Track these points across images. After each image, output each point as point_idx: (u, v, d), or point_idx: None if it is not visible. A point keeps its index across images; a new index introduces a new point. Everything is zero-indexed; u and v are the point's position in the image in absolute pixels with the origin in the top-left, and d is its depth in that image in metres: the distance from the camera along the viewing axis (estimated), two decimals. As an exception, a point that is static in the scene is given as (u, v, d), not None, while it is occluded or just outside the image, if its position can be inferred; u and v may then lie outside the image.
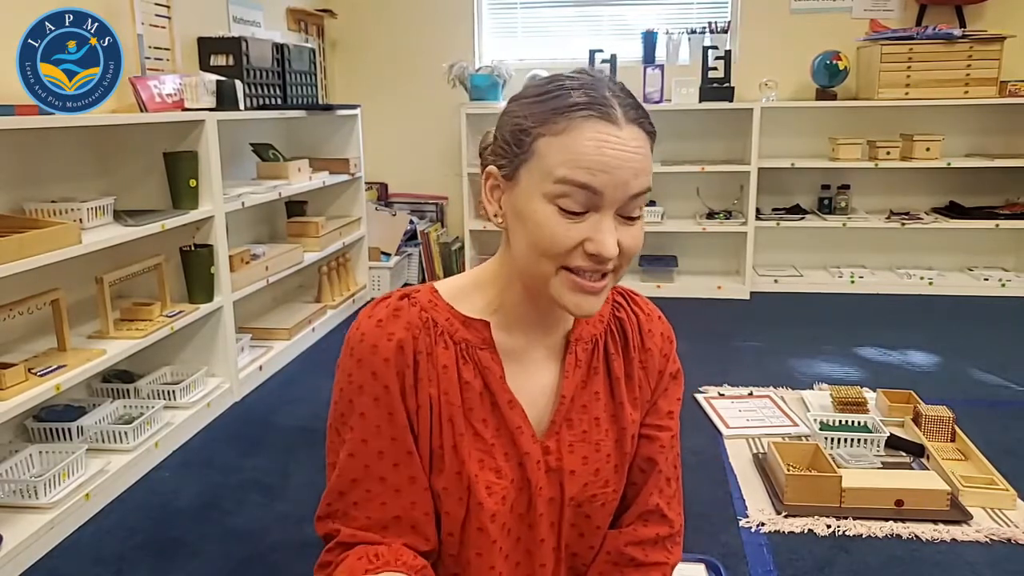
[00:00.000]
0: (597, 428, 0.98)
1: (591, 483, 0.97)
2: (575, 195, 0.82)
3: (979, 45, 3.95)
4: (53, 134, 2.47)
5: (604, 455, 0.98)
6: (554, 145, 0.82)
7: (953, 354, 3.28)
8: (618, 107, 0.83)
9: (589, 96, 0.83)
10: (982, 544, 1.89)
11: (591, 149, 0.81)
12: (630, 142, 0.82)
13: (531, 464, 0.94)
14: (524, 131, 0.85)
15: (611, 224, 0.83)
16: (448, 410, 0.92)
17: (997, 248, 4.45)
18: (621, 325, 1.01)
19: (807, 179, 4.45)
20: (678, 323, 1.17)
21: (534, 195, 0.84)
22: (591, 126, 0.81)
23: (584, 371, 0.98)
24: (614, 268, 0.87)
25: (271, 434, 2.62)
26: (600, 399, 0.98)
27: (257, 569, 1.87)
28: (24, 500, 1.99)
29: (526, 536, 0.95)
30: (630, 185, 0.82)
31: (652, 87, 4.22)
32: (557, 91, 0.84)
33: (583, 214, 0.83)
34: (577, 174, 0.81)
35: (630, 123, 0.83)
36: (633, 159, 0.82)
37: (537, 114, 0.84)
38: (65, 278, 2.30)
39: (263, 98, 3.35)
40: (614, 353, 1.00)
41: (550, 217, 0.83)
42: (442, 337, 0.93)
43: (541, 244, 0.84)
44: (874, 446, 2.35)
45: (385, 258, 4.31)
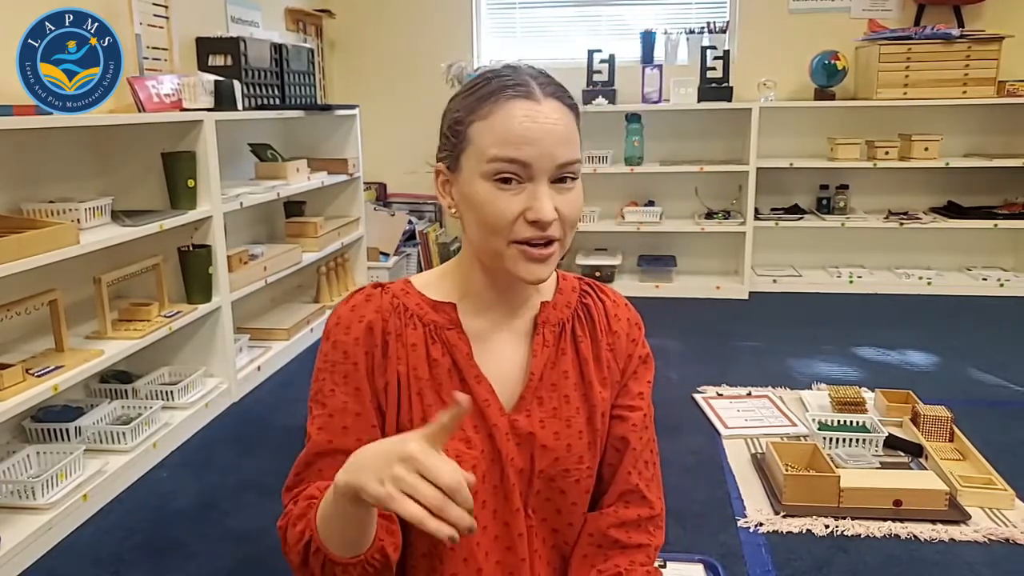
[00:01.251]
0: (567, 405, 1.02)
1: (563, 457, 1.00)
2: (507, 169, 0.89)
3: (977, 45, 3.95)
4: (51, 134, 2.46)
5: (576, 431, 1.02)
6: (484, 129, 0.91)
7: (951, 354, 3.28)
8: (536, 86, 0.92)
9: (508, 81, 0.92)
10: (980, 544, 1.89)
11: (515, 125, 0.89)
12: (551, 114, 0.90)
13: (500, 435, 0.98)
14: (459, 122, 0.94)
15: (545, 191, 0.90)
16: (417, 384, 0.98)
17: (995, 248, 4.45)
18: (588, 311, 1.07)
19: (806, 179, 4.45)
20: (676, 323, 1.19)
21: (474, 178, 0.92)
22: (513, 105, 0.90)
23: (552, 351, 1.03)
24: (559, 237, 0.93)
25: (269, 434, 2.62)
26: (569, 378, 1.03)
27: (255, 570, 1.87)
28: (22, 501, 1.99)
29: (502, 507, 0.99)
30: (556, 154, 0.89)
31: (651, 87, 4.22)
32: (482, 82, 0.94)
33: (519, 185, 0.90)
34: (506, 150, 0.89)
35: (548, 97, 0.91)
36: (555, 130, 0.90)
37: (468, 105, 0.94)
38: (63, 278, 2.30)
39: (261, 98, 3.35)
40: (581, 336, 1.05)
41: (490, 193, 0.90)
42: (412, 320, 1.00)
43: (488, 220, 0.91)
44: (872, 446, 2.35)
45: (384, 258, 4.31)
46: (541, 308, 1.04)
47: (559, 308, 1.05)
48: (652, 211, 4.35)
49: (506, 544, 0.99)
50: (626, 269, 4.55)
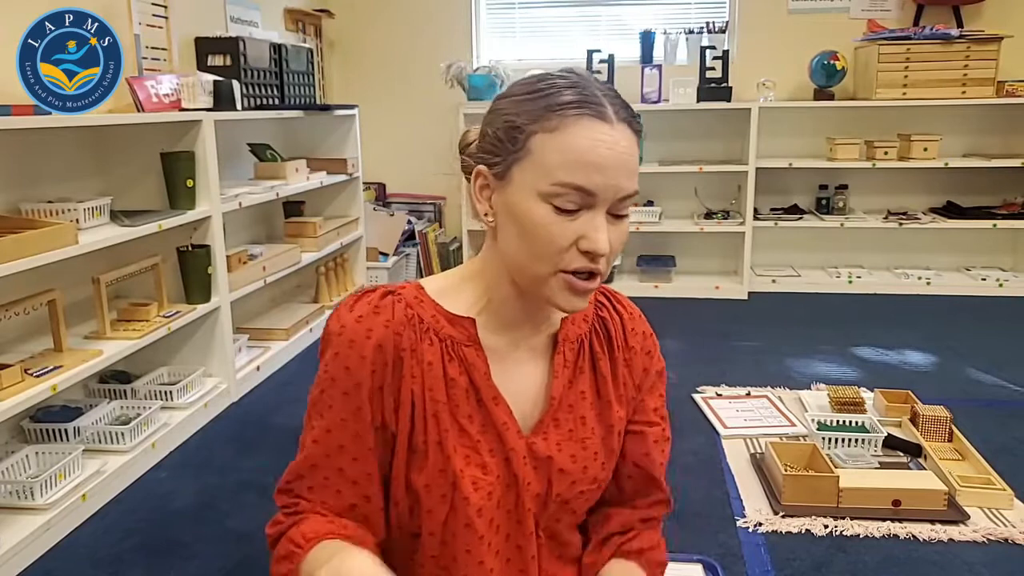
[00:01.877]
0: (583, 427, 0.98)
1: (579, 480, 0.97)
2: (571, 195, 0.83)
3: (976, 45, 3.95)
4: (50, 134, 2.46)
5: (592, 453, 0.98)
6: (550, 144, 0.83)
7: (950, 354, 3.28)
8: (609, 105, 0.84)
9: (582, 94, 0.84)
10: (979, 544, 1.89)
11: (586, 148, 0.82)
12: (621, 142, 0.83)
13: (517, 460, 0.94)
14: (517, 128, 0.85)
15: (603, 222, 0.84)
16: (432, 407, 0.92)
17: (994, 248, 4.45)
18: (605, 324, 1.02)
19: (805, 179, 4.45)
20: (676, 323, 1.19)
21: (530, 195, 0.84)
22: (585, 124, 0.82)
23: (571, 371, 0.99)
24: (604, 270, 0.88)
25: (268, 435, 2.62)
26: (586, 398, 0.99)
27: (255, 570, 1.87)
28: (20, 501, 1.98)
29: (515, 531, 0.95)
30: (622, 186, 0.84)
31: (650, 87, 4.22)
32: (548, 88, 0.85)
33: (576, 212, 0.84)
34: (574, 176, 0.82)
35: (621, 122, 0.84)
36: (625, 159, 0.83)
37: (530, 111, 0.84)
38: (61, 278, 2.30)
39: (260, 98, 3.35)
40: (600, 353, 1.01)
41: (547, 216, 0.84)
42: (427, 334, 0.93)
43: (537, 243, 0.85)
44: (871, 446, 2.35)
45: (383, 258, 4.31)
46: (561, 324, 0.99)
47: (577, 322, 1.00)
48: (651, 211, 4.35)
49: (519, 567, 0.96)
50: (625, 269, 4.55)
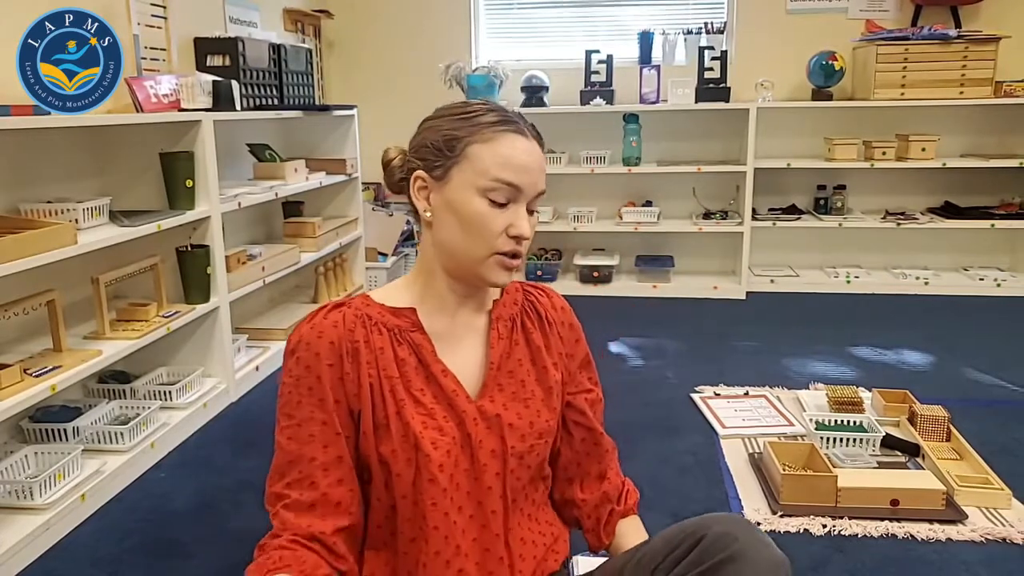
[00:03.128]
0: (524, 388, 1.17)
1: (527, 434, 1.14)
2: (503, 190, 1.06)
3: (974, 46, 3.96)
4: (48, 134, 2.46)
5: (535, 411, 1.16)
6: (486, 152, 1.06)
7: (948, 354, 3.29)
8: (524, 126, 1.10)
9: (505, 116, 1.09)
10: (977, 543, 1.90)
11: (515, 154, 1.06)
12: (537, 152, 1.10)
13: (469, 421, 1.11)
14: (456, 139, 1.08)
15: (524, 213, 1.09)
16: (388, 383, 1.10)
17: (992, 248, 4.46)
18: (534, 306, 1.24)
19: (803, 179, 4.46)
20: (674, 323, 1.27)
21: (467, 190, 1.07)
22: (513, 138, 1.07)
23: (507, 343, 1.18)
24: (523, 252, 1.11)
25: (267, 435, 2.62)
26: (523, 365, 1.19)
27: (253, 570, 1.87)
28: (19, 501, 1.98)
29: (474, 488, 1.10)
30: (538, 184, 1.09)
31: (648, 87, 4.22)
32: (478, 111, 1.10)
33: (505, 205, 1.07)
34: (506, 174, 1.06)
35: (533, 138, 1.10)
36: (539, 163, 1.09)
37: (466, 127, 1.08)
38: (61, 279, 2.30)
39: (260, 98, 3.35)
40: (532, 328, 1.22)
41: (483, 207, 1.06)
42: (376, 327, 1.12)
43: (476, 230, 1.07)
44: (870, 446, 2.36)
45: (382, 258, 4.31)
46: (493, 306, 1.20)
47: (508, 306, 1.21)
48: (650, 211, 4.36)
49: (481, 522, 1.10)
50: (624, 269, 4.56)
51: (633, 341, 3.49)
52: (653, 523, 1.90)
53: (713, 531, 0.99)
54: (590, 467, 1.27)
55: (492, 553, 1.10)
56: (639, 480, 1.26)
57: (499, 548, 1.10)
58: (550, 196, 4.54)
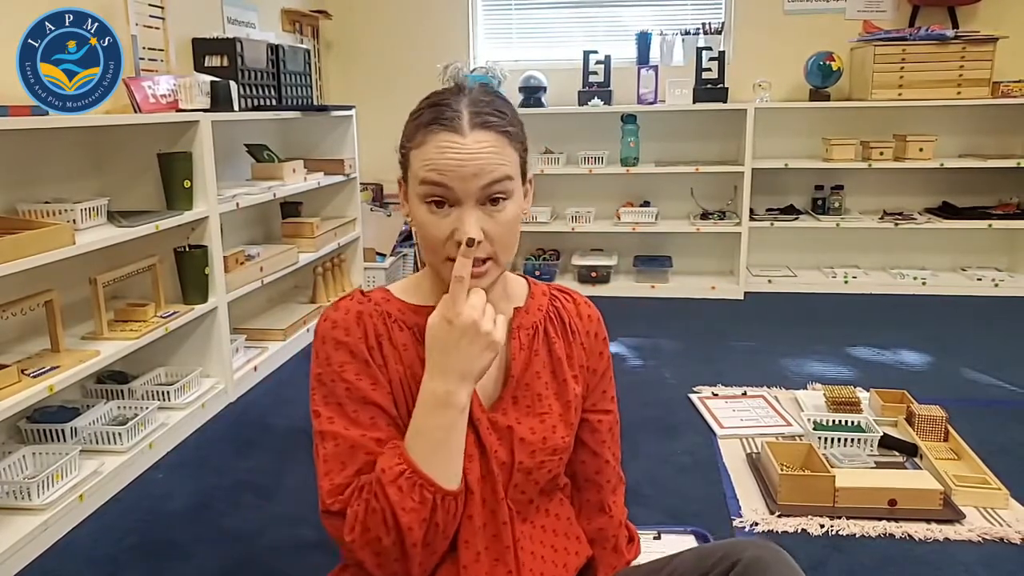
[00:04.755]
0: (540, 402, 1.11)
1: (539, 450, 1.09)
2: (434, 192, 0.99)
3: (972, 46, 3.96)
4: (47, 135, 2.46)
5: (550, 426, 1.10)
6: (416, 156, 1.01)
7: (946, 354, 3.29)
8: (466, 117, 0.99)
9: (438, 113, 1.00)
10: (975, 543, 1.90)
11: (437, 155, 0.98)
12: (473, 144, 0.98)
13: (483, 429, 1.06)
14: (403, 147, 1.05)
15: (471, 214, 0.98)
16: (415, 382, 1.04)
17: (990, 248, 4.47)
18: (559, 313, 1.17)
19: (801, 179, 4.46)
20: (672, 323, 1.24)
21: (414, 199, 1.02)
22: (438, 137, 0.99)
23: (527, 354, 1.12)
24: (491, 256, 1.01)
25: (266, 435, 2.62)
26: (541, 377, 1.12)
27: (252, 571, 1.87)
28: (17, 502, 1.98)
29: (490, 497, 1.06)
30: (479, 177, 0.97)
31: (646, 88, 4.22)
32: (419, 112, 1.03)
33: (449, 208, 0.99)
34: (430, 175, 0.98)
35: (477, 128, 0.98)
36: (477, 158, 0.97)
37: (408, 133, 1.04)
38: (59, 279, 2.30)
39: (258, 99, 3.35)
40: (555, 337, 1.15)
41: (424, 215, 1.00)
42: (396, 324, 1.08)
43: (424, 237, 1.02)
44: (867, 446, 2.36)
45: (380, 259, 4.31)
46: (515, 314, 1.13)
47: (531, 312, 1.15)
48: (648, 212, 4.36)
49: (493, 531, 1.06)
50: (622, 269, 4.56)
51: (631, 341, 3.49)
52: (651, 523, 1.90)
53: (747, 556, 0.99)
54: (589, 495, 1.21)
55: (502, 564, 1.06)
56: (638, 480, 1.26)
57: (509, 560, 1.07)
58: (548, 196, 4.55)
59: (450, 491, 0.97)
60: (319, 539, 1.96)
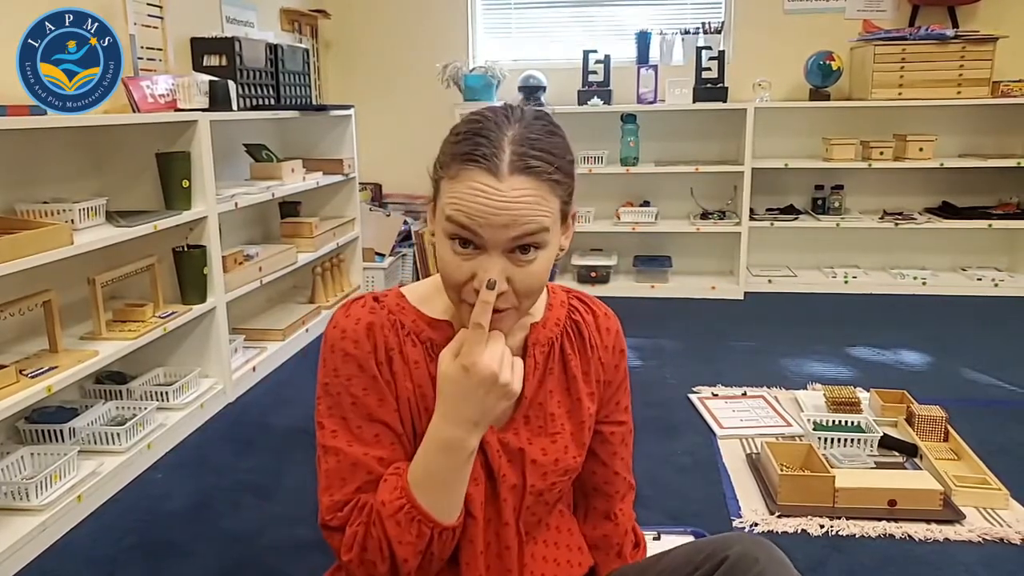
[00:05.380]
0: (553, 422, 1.07)
1: (551, 472, 1.05)
2: (458, 233, 0.90)
3: (972, 46, 3.96)
4: (45, 134, 2.46)
5: (562, 447, 1.07)
6: (448, 188, 0.91)
7: (946, 354, 3.29)
8: (506, 157, 0.88)
9: (477, 146, 0.89)
10: (975, 544, 1.90)
11: (468, 196, 0.88)
12: (509, 192, 0.87)
13: (492, 452, 1.02)
14: (438, 168, 0.94)
15: (497, 263, 0.90)
16: (424, 402, 1.02)
17: (990, 248, 4.46)
18: (577, 326, 1.10)
19: (801, 179, 4.46)
20: (672, 323, 1.22)
21: (440, 229, 0.93)
22: (471, 175, 0.88)
23: (541, 372, 1.07)
24: (512, 306, 0.93)
25: (265, 435, 2.61)
26: (554, 396, 1.07)
27: (250, 571, 1.86)
28: (15, 502, 1.98)
29: (495, 520, 1.04)
30: (509, 229, 0.88)
31: (646, 87, 4.22)
32: (460, 136, 0.92)
33: (475, 250, 0.90)
34: (457, 215, 0.89)
35: (517, 173, 0.88)
36: (511, 207, 0.87)
37: (445, 156, 0.93)
38: (57, 279, 2.29)
39: (256, 98, 3.34)
40: (571, 353, 1.09)
41: (447, 251, 0.92)
42: (409, 337, 1.02)
43: (443, 274, 0.94)
44: (867, 446, 2.36)
45: (379, 259, 4.31)
46: (531, 329, 1.07)
47: (548, 327, 1.08)
48: (648, 211, 4.35)
49: (496, 552, 1.05)
50: (621, 269, 4.55)
51: (631, 341, 3.46)
52: (651, 523, 1.90)
53: (735, 551, 0.98)
54: (596, 502, 1.19)
55: None
56: (637, 480, 1.25)
57: None
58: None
59: (447, 526, 0.95)
60: (318, 539, 1.95)
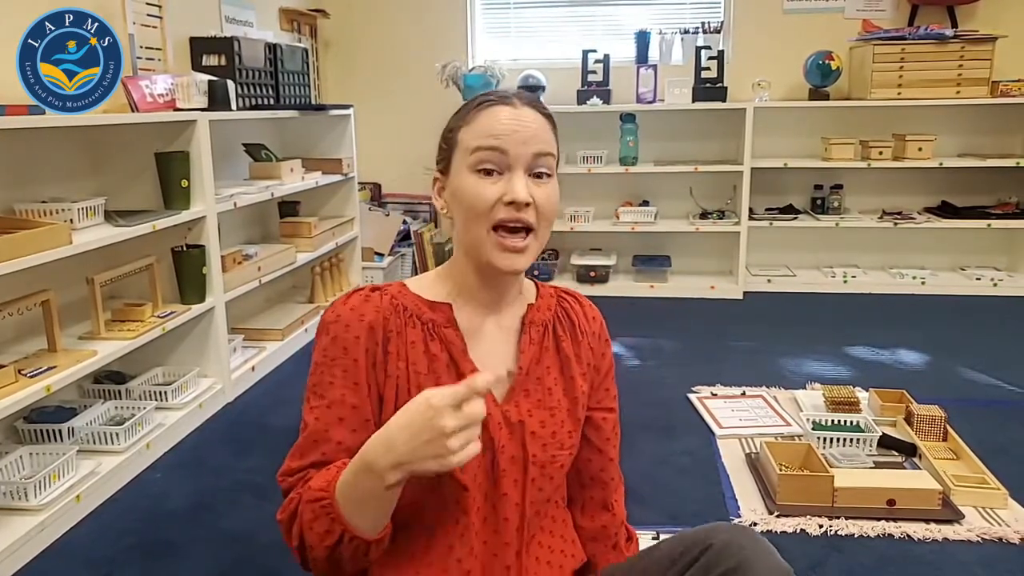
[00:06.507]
0: (550, 397, 1.14)
1: (549, 444, 1.12)
2: (488, 157, 1.04)
3: (971, 45, 3.96)
4: (44, 134, 2.46)
5: (559, 420, 1.14)
6: (470, 131, 1.06)
7: (945, 353, 3.29)
8: (515, 98, 1.08)
9: (493, 94, 1.09)
10: (974, 543, 1.90)
11: (495, 121, 1.05)
12: (526, 115, 1.06)
13: (492, 424, 1.08)
14: (451, 130, 1.10)
15: (522, 179, 1.04)
16: (416, 379, 1.08)
17: (989, 248, 4.47)
18: (567, 313, 1.21)
19: (800, 179, 4.46)
20: (671, 323, 1.25)
21: (461, 171, 1.06)
22: (494, 110, 1.06)
23: (537, 349, 1.15)
24: (533, 228, 1.06)
25: (264, 435, 2.61)
26: (551, 373, 1.16)
27: (249, 571, 1.86)
28: (14, 502, 1.98)
29: (491, 491, 1.09)
30: (529, 144, 1.05)
31: (645, 87, 4.22)
32: (470, 101, 1.11)
33: (498, 174, 1.04)
34: (486, 141, 1.04)
35: (525, 105, 1.08)
36: (530, 126, 1.05)
37: (459, 116, 1.10)
38: (56, 279, 2.29)
39: (255, 98, 3.34)
40: (563, 335, 1.19)
41: (474, 182, 1.04)
42: (411, 319, 1.10)
43: (472, 206, 1.04)
44: (866, 446, 2.36)
45: (378, 258, 4.31)
46: (528, 310, 1.17)
47: (542, 311, 1.18)
48: (647, 211, 4.35)
49: (493, 527, 1.09)
50: (621, 269, 4.55)
51: (630, 341, 3.48)
52: (650, 523, 1.90)
53: (720, 539, 1.01)
54: (593, 492, 1.24)
55: (499, 560, 1.09)
56: (636, 480, 1.26)
57: (508, 555, 1.09)
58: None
59: (360, 535, 0.96)
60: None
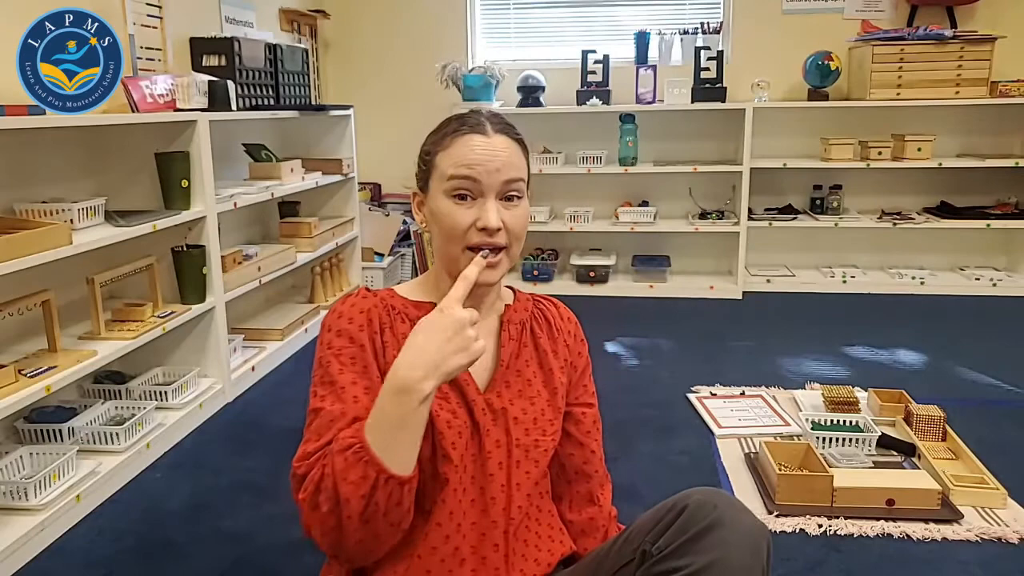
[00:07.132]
0: (530, 387, 1.23)
1: (531, 429, 1.20)
2: (461, 185, 1.12)
3: (970, 46, 3.96)
4: (44, 134, 2.46)
5: (540, 408, 1.22)
6: (446, 157, 1.14)
7: (944, 353, 3.29)
8: (487, 123, 1.16)
9: (464, 120, 1.17)
10: (973, 543, 1.90)
11: (467, 151, 1.13)
12: (498, 143, 1.14)
13: (477, 410, 1.16)
14: (428, 153, 1.18)
15: (494, 205, 1.12)
16: None
17: (988, 248, 4.47)
18: (543, 314, 1.31)
19: (799, 179, 4.46)
20: (670, 323, 1.27)
21: (438, 195, 1.15)
22: (467, 138, 1.14)
23: (516, 344, 1.24)
24: (506, 246, 1.14)
25: (263, 435, 2.61)
26: (530, 366, 1.25)
27: (248, 571, 1.87)
28: (14, 502, 1.98)
29: (479, 473, 1.15)
30: (501, 172, 1.12)
31: (644, 87, 4.22)
32: (446, 123, 1.19)
33: (472, 199, 1.13)
34: (459, 170, 1.12)
35: (498, 133, 1.15)
36: (500, 155, 1.13)
37: (435, 141, 1.18)
38: (56, 279, 2.29)
39: (255, 98, 3.34)
40: (540, 333, 1.28)
41: (449, 207, 1.13)
42: (399, 316, 1.19)
43: (447, 229, 1.13)
44: (865, 445, 2.36)
45: (378, 258, 4.31)
46: (505, 311, 1.26)
47: (519, 311, 1.28)
48: (646, 211, 4.36)
49: (481, 507, 1.15)
50: (620, 269, 4.56)
51: (629, 341, 3.49)
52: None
53: (694, 500, 1.06)
54: (579, 486, 1.30)
55: (488, 539, 1.14)
56: (635, 480, 1.27)
57: (496, 535, 1.14)
58: (547, 196, 4.55)
59: (395, 475, 0.97)
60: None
